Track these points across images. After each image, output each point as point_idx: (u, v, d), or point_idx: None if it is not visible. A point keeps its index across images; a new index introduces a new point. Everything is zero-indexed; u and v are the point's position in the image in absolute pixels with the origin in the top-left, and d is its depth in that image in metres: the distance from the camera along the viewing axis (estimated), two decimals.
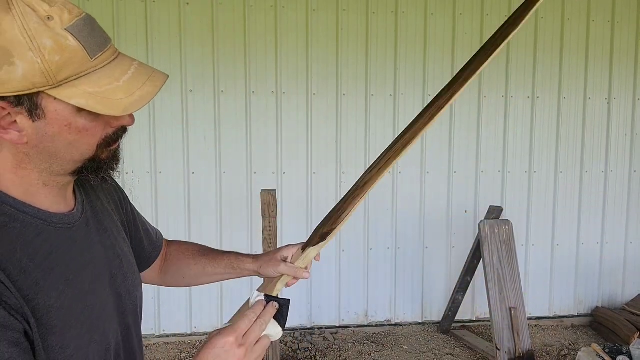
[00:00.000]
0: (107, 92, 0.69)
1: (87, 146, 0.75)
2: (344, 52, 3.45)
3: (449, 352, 3.41)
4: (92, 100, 0.69)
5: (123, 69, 0.72)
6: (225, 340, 0.80)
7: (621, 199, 3.89)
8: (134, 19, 3.22)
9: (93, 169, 0.79)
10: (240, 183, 3.42)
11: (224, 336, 0.80)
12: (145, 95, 0.72)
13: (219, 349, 0.79)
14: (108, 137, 0.77)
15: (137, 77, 0.73)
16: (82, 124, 0.72)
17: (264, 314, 0.86)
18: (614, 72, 3.78)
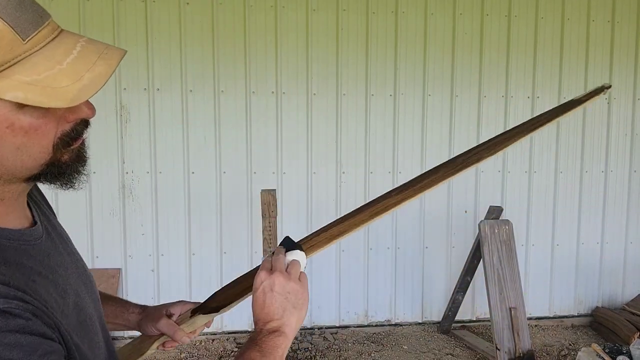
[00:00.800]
0: (48, 79, 0.57)
1: (39, 148, 0.62)
2: (344, 52, 3.45)
3: (449, 352, 3.41)
4: (32, 91, 0.56)
5: (66, 48, 0.59)
6: (259, 279, 0.85)
7: (621, 199, 3.89)
8: (134, 19, 3.22)
9: (54, 175, 0.65)
10: (240, 183, 3.42)
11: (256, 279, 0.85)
12: (97, 78, 0.59)
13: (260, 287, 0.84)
14: (65, 134, 0.64)
15: (85, 56, 0.60)
16: (27, 123, 0.59)
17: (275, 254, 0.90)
18: (614, 72, 3.78)
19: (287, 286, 0.85)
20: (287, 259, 0.90)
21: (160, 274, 3.40)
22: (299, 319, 0.85)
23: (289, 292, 0.85)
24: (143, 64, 3.24)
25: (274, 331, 0.82)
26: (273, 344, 0.80)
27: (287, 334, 0.83)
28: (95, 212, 3.29)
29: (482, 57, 3.60)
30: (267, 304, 0.83)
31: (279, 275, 0.85)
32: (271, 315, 0.83)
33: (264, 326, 0.83)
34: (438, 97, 3.59)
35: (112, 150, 3.26)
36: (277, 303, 0.83)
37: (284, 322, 0.83)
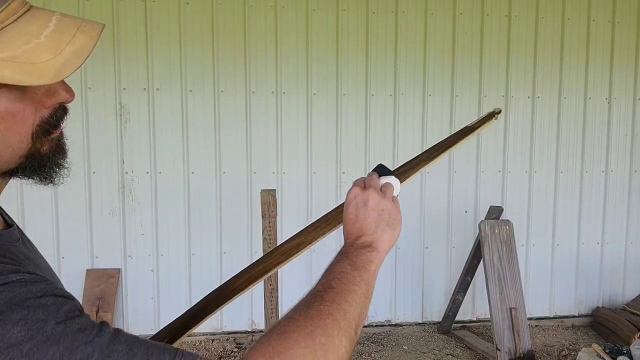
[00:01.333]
0: (26, 54, 0.52)
1: (17, 137, 0.57)
2: (344, 52, 3.44)
3: (449, 352, 3.40)
4: (8, 68, 0.51)
5: (41, 22, 0.55)
6: (352, 193, 0.83)
7: (622, 199, 3.89)
8: (134, 19, 3.21)
9: (34, 168, 0.60)
10: (240, 183, 3.42)
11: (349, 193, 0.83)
12: (80, 51, 0.55)
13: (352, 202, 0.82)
14: (44, 121, 0.59)
15: (63, 29, 0.55)
16: (3, 108, 0.54)
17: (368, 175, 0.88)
18: (614, 71, 3.78)
19: (382, 203, 0.82)
20: (381, 181, 0.87)
21: (160, 274, 3.39)
22: (392, 238, 0.82)
23: (383, 210, 0.81)
24: (143, 64, 3.24)
25: (366, 246, 0.78)
26: (366, 258, 0.77)
27: (380, 250, 0.79)
28: (94, 212, 3.29)
29: (482, 57, 3.60)
30: (360, 218, 0.81)
31: (374, 191, 0.82)
32: (364, 229, 0.80)
33: (355, 241, 0.79)
34: (438, 97, 3.58)
35: (111, 150, 3.26)
36: (370, 218, 0.80)
37: (377, 238, 0.80)
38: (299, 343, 0.61)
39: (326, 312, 0.66)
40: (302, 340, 0.62)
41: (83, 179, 3.23)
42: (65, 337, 0.49)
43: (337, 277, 0.73)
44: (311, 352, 0.61)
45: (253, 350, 0.61)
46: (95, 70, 3.20)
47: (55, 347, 0.49)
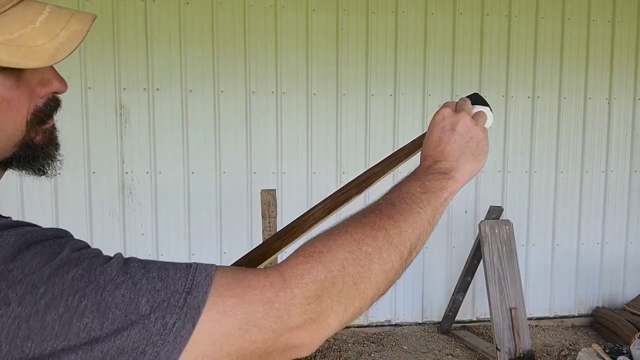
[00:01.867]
0: (23, 38, 0.53)
1: (12, 124, 0.58)
2: (344, 52, 3.44)
3: (449, 352, 3.40)
4: (6, 51, 0.52)
5: (36, 10, 0.56)
6: (440, 114, 0.78)
7: (622, 199, 3.89)
8: (134, 18, 3.21)
9: (28, 159, 0.61)
10: (240, 183, 3.42)
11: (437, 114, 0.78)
12: (73, 36, 0.56)
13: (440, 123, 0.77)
14: (38, 110, 0.60)
15: (57, 16, 0.57)
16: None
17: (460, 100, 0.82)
18: (614, 71, 3.78)
19: (472, 130, 0.76)
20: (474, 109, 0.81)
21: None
22: (475, 169, 0.76)
23: (472, 137, 0.76)
24: (143, 64, 3.24)
25: (444, 172, 0.74)
26: (439, 184, 0.72)
27: (458, 179, 0.74)
28: (94, 212, 3.29)
29: (482, 57, 3.60)
30: (444, 141, 0.76)
31: (466, 116, 0.77)
32: (446, 154, 0.75)
33: (433, 164, 0.75)
34: (438, 97, 3.58)
35: (111, 150, 3.26)
36: (455, 144, 0.75)
37: (458, 166, 0.74)
38: (343, 246, 0.60)
39: (380, 225, 0.65)
40: (348, 245, 0.61)
41: (83, 179, 3.23)
42: (83, 261, 0.52)
43: (402, 195, 0.70)
44: (354, 257, 0.60)
45: (295, 251, 0.61)
46: (95, 70, 3.20)
47: (75, 270, 0.50)
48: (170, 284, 0.53)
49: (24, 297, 0.48)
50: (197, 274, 0.54)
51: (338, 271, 0.59)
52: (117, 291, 0.51)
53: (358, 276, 0.60)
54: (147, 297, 0.51)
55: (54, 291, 0.49)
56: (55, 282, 0.49)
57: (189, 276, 0.54)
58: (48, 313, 0.48)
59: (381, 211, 0.67)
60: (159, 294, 0.52)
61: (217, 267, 0.56)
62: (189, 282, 0.53)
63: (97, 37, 3.15)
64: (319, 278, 0.57)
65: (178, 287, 0.53)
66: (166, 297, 0.52)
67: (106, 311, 0.50)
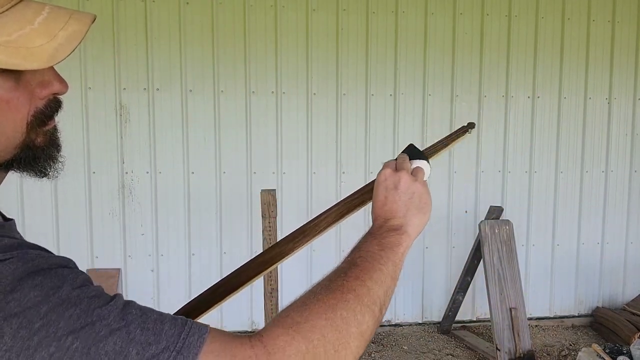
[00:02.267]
0: (21, 39, 0.53)
1: (12, 125, 0.57)
2: (344, 52, 3.44)
3: (449, 352, 3.40)
4: (4, 53, 0.52)
5: (35, 10, 0.56)
6: (382, 175, 0.83)
7: (622, 199, 3.89)
8: (134, 18, 3.21)
9: (28, 160, 0.61)
10: (240, 183, 3.42)
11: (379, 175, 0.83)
12: (72, 36, 0.56)
13: (383, 184, 0.82)
14: (38, 111, 0.59)
15: (56, 16, 0.56)
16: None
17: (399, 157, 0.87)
18: (614, 71, 3.78)
19: (412, 187, 0.81)
20: (413, 165, 0.87)
21: (160, 274, 3.40)
22: (422, 222, 0.81)
23: (414, 193, 0.81)
24: (143, 63, 3.24)
25: (395, 229, 0.78)
26: (395, 240, 0.76)
27: (410, 233, 0.79)
28: (94, 212, 3.29)
29: (482, 57, 3.60)
30: (390, 200, 0.80)
31: (405, 174, 0.82)
32: (394, 212, 0.79)
33: (384, 223, 0.79)
34: (438, 97, 3.58)
35: (111, 150, 3.26)
36: (400, 201, 0.80)
37: (407, 222, 0.79)
38: (319, 315, 0.61)
39: (349, 288, 0.66)
40: (323, 312, 0.62)
41: (83, 179, 3.23)
42: (82, 301, 0.51)
43: (363, 255, 0.73)
44: (332, 324, 0.61)
45: (273, 321, 0.61)
46: (96, 70, 3.20)
47: (72, 309, 0.50)
48: (162, 339, 0.53)
49: (19, 331, 0.48)
50: (190, 333, 0.54)
51: (318, 340, 0.59)
52: (110, 338, 0.51)
53: (338, 343, 0.61)
54: (137, 349, 0.51)
55: (49, 329, 0.49)
56: (51, 319, 0.49)
57: (182, 334, 0.54)
58: (38, 351, 0.48)
59: (346, 274, 0.69)
60: (150, 347, 0.52)
61: (210, 330, 0.56)
62: (181, 340, 0.53)
63: (97, 37, 3.15)
64: (301, 349, 0.58)
65: (170, 344, 0.53)
66: (156, 353, 0.52)
67: (95, 357, 0.49)
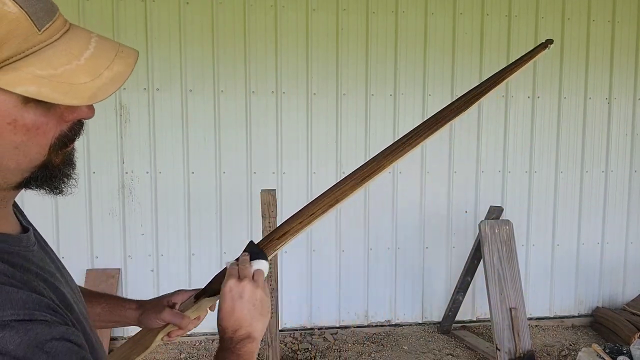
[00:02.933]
0: (66, 74, 0.53)
1: (37, 149, 0.58)
2: (344, 52, 3.44)
3: (449, 352, 3.40)
4: (47, 86, 0.52)
5: (81, 43, 0.56)
6: (228, 286, 0.87)
7: (622, 199, 3.89)
8: (134, 18, 3.21)
9: (44, 179, 0.61)
10: (240, 183, 3.42)
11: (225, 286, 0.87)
12: (116, 77, 0.56)
13: (229, 294, 0.87)
14: (63, 135, 0.60)
15: (102, 53, 0.56)
16: (30, 120, 0.55)
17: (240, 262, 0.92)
18: (614, 71, 3.78)
19: (255, 294, 0.87)
20: (253, 267, 0.92)
21: (160, 274, 3.40)
22: (264, 326, 0.89)
23: (256, 299, 0.87)
24: (143, 63, 3.24)
25: (246, 337, 0.85)
26: (248, 349, 0.84)
27: (257, 339, 0.87)
28: (94, 212, 3.29)
29: (482, 57, 3.60)
30: (237, 310, 0.86)
31: (248, 283, 0.88)
32: (240, 322, 0.85)
33: (234, 334, 0.85)
34: (438, 97, 3.58)
35: (111, 150, 3.26)
36: (245, 310, 0.86)
37: (253, 329, 0.86)
38: None
39: None
40: None
41: (83, 179, 3.23)
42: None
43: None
44: None
45: None
46: None
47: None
48: None
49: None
50: None
51: None
52: None
53: None
54: None
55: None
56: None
57: None
58: None
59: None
60: None
61: None
62: None
63: None
64: None
65: None
66: None
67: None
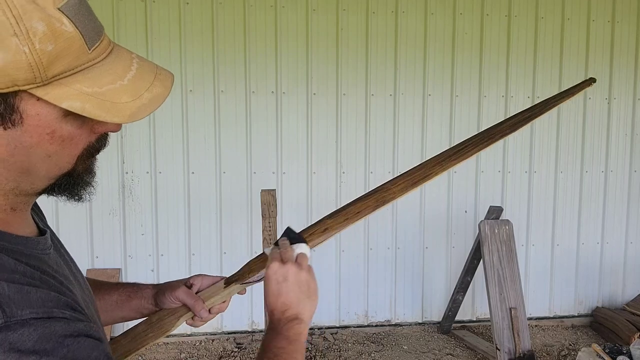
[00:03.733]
0: (109, 93, 0.56)
1: (68, 158, 0.61)
2: (344, 52, 3.44)
3: (449, 352, 3.40)
4: (90, 103, 0.54)
5: (125, 64, 0.59)
6: (271, 269, 0.87)
7: (621, 199, 3.89)
8: (134, 18, 3.21)
9: (67, 186, 0.64)
10: (240, 183, 3.42)
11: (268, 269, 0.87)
12: (155, 98, 0.60)
13: (273, 277, 0.86)
14: (91, 146, 0.63)
15: (143, 75, 0.60)
16: (67, 132, 0.58)
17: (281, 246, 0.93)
18: (614, 71, 3.78)
19: (301, 276, 0.87)
20: (295, 251, 0.92)
21: (160, 274, 3.40)
22: (312, 308, 0.88)
23: (301, 282, 0.87)
24: None
25: (293, 319, 0.85)
26: (296, 331, 0.83)
27: (305, 321, 0.86)
28: (95, 212, 3.29)
29: (482, 57, 3.60)
30: (283, 293, 0.86)
31: (292, 266, 0.88)
32: (287, 304, 0.85)
33: (282, 315, 0.85)
34: (438, 97, 3.58)
35: (111, 150, 3.26)
36: (292, 293, 0.86)
37: (301, 310, 0.86)
38: None
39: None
40: None
41: None
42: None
43: (277, 353, 0.80)
44: None
45: None
46: None
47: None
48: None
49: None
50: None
51: None
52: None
53: None
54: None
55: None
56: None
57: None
58: None
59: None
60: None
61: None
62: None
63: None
64: None
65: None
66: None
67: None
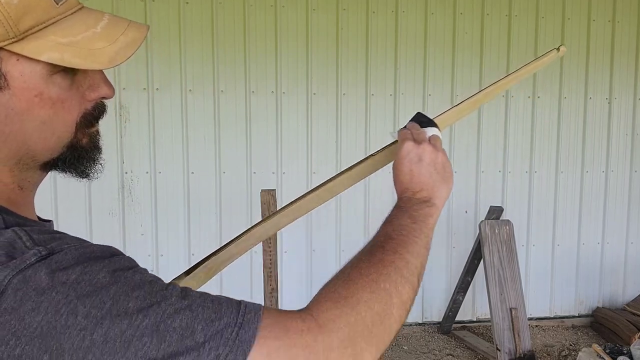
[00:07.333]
0: (84, 41, 0.56)
1: (63, 125, 0.61)
2: (344, 52, 3.44)
3: (449, 352, 3.40)
4: (68, 52, 0.55)
5: (96, 16, 0.60)
6: (405, 149, 0.84)
7: (622, 199, 3.89)
8: (134, 18, 3.17)
9: (73, 160, 0.64)
10: (240, 183, 3.41)
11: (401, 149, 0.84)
12: (132, 42, 0.60)
13: (407, 157, 0.83)
14: (87, 113, 0.64)
15: (115, 24, 0.60)
16: (55, 93, 0.58)
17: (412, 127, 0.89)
18: (614, 71, 3.78)
19: (437, 157, 0.84)
20: (427, 133, 0.88)
21: (159, 274, 3.36)
22: (447, 192, 0.83)
23: (437, 163, 0.83)
24: (142, 63, 3.24)
25: (425, 201, 0.80)
26: (425, 212, 0.79)
27: (438, 205, 0.81)
28: (94, 212, 3.28)
29: (482, 57, 3.60)
30: (416, 173, 0.82)
31: (428, 146, 0.84)
32: (422, 185, 0.81)
33: (413, 195, 0.81)
34: (438, 97, 3.58)
35: (111, 150, 3.26)
36: (427, 173, 0.82)
37: (434, 193, 0.81)
38: (364, 288, 0.64)
39: (389, 261, 0.69)
40: (368, 286, 0.65)
41: None
42: (144, 284, 0.55)
43: (397, 229, 0.75)
44: (376, 297, 0.64)
45: (319, 296, 0.65)
46: None
47: (138, 291, 0.53)
48: (223, 316, 0.55)
49: (91, 311, 0.49)
50: (247, 310, 0.56)
51: (366, 312, 0.62)
52: (175, 315, 0.53)
53: (384, 314, 0.64)
54: (202, 325, 0.53)
55: (119, 308, 0.51)
56: (121, 299, 0.51)
57: (240, 312, 0.56)
58: (112, 329, 0.50)
59: (383, 247, 0.72)
60: (213, 324, 0.53)
61: (263, 307, 0.58)
62: (240, 317, 0.55)
63: None
64: (350, 321, 0.60)
65: (231, 320, 0.54)
66: (220, 329, 0.54)
67: (164, 333, 0.51)
